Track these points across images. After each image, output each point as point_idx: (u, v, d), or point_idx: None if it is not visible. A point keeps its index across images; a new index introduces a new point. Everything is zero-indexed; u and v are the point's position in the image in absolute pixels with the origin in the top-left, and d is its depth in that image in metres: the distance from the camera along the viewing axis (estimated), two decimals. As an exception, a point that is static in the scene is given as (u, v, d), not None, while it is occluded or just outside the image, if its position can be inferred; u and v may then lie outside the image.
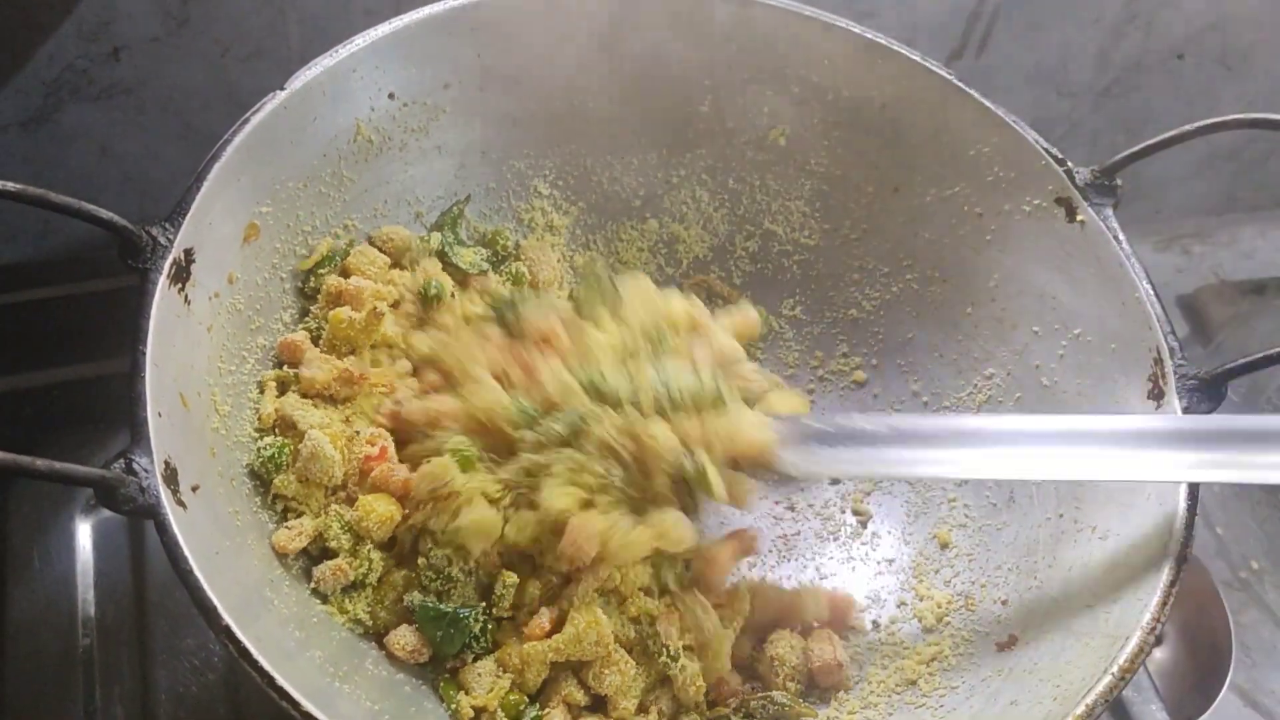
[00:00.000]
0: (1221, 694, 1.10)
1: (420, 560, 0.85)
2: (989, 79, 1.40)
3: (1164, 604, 0.76)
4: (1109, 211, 0.91)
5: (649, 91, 1.05)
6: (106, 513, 1.03)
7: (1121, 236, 0.90)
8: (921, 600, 0.95)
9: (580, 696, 0.84)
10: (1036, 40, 1.38)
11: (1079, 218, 0.92)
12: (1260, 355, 0.82)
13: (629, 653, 0.85)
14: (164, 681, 0.97)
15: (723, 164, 1.08)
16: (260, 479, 0.85)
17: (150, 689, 0.97)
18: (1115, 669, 0.74)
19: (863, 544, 1.02)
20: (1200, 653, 1.15)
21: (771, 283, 1.11)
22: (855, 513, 1.03)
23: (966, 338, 1.01)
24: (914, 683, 0.88)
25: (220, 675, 0.98)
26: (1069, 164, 0.93)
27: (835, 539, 1.02)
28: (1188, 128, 0.89)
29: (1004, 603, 0.90)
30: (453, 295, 0.96)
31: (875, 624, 0.95)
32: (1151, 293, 0.88)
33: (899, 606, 0.96)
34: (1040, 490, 0.93)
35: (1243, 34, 1.42)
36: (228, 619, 0.68)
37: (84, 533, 1.04)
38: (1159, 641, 1.13)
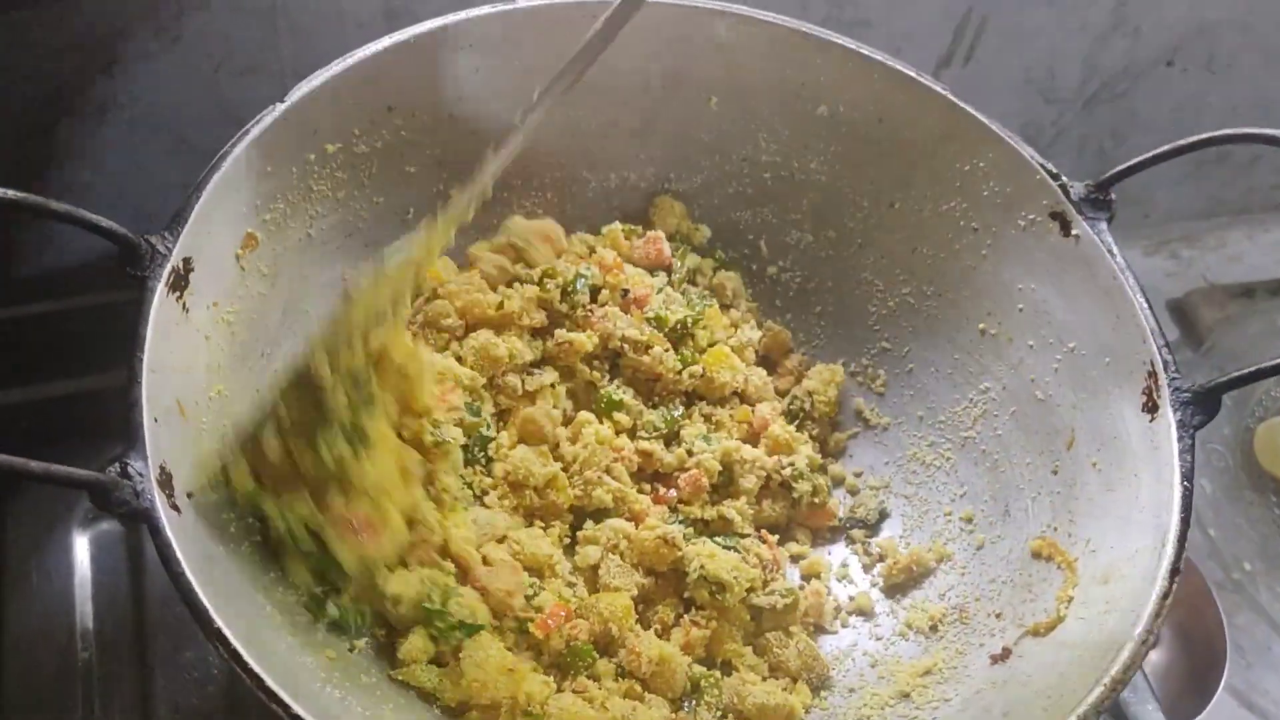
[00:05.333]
0: (1217, 695, 1.10)
1: None
2: (976, 86, 1.39)
3: (1156, 615, 0.76)
4: (1103, 226, 0.91)
5: (647, 107, 1.05)
6: (105, 526, 1.04)
7: (1116, 251, 0.90)
8: (917, 613, 0.95)
9: None
10: (1024, 47, 1.38)
11: (1074, 232, 0.92)
12: (1253, 369, 0.82)
13: None
14: (163, 694, 0.97)
15: (720, 179, 1.09)
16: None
17: (149, 702, 0.97)
18: (1107, 679, 0.74)
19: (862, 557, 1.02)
20: (1195, 654, 1.15)
21: (769, 297, 1.12)
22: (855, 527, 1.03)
23: (962, 352, 1.01)
24: (908, 695, 0.88)
25: (219, 688, 0.98)
26: (1063, 179, 0.93)
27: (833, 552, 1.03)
28: (1181, 142, 0.90)
29: (998, 616, 0.90)
30: None
31: (872, 636, 0.96)
32: (1146, 307, 0.88)
33: (894, 618, 0.96)
34: (1035, 504, 0.93)
35: (1230, 40, 1.42)
36: (220, 622, 0.69)
37: (82, 546, 1.04)
38: (1153, 645, 1.14)
